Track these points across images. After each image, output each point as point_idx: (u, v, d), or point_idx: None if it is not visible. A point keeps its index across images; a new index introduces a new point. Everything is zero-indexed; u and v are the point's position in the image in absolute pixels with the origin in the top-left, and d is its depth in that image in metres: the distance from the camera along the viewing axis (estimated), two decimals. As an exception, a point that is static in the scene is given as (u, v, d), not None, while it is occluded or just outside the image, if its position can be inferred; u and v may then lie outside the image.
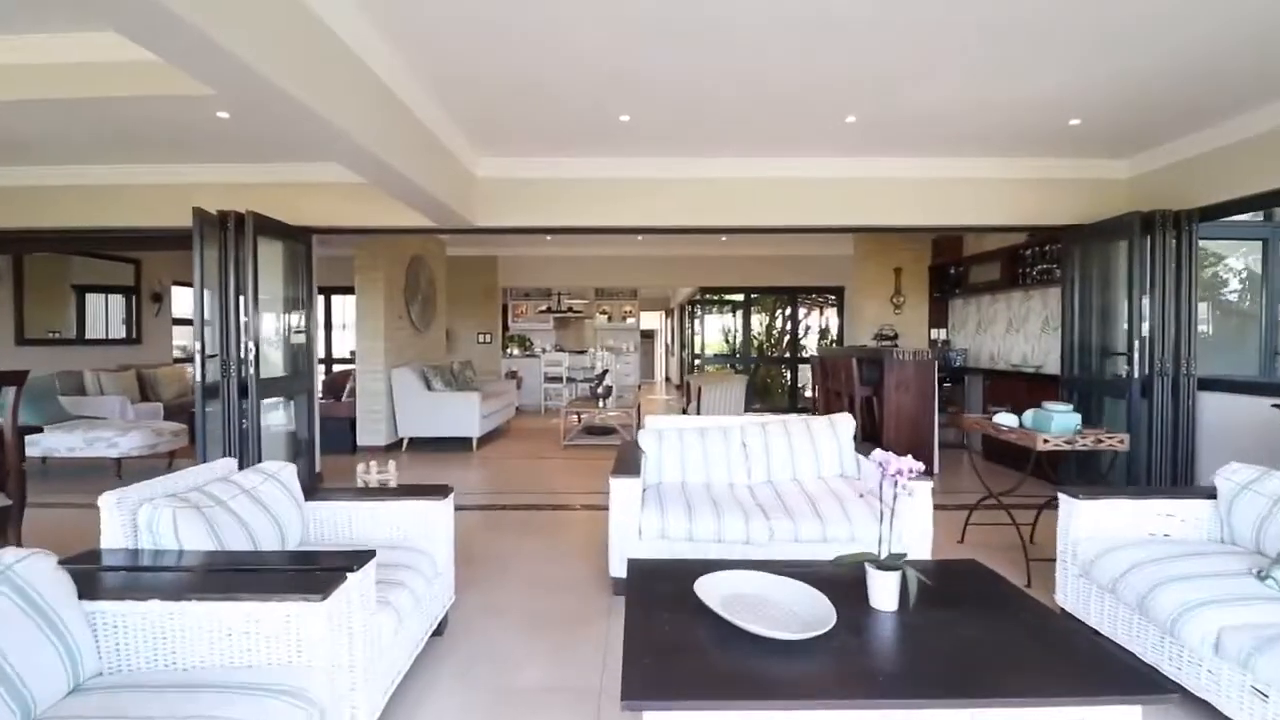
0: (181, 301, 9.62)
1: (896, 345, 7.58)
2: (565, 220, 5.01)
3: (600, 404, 7.34)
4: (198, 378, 4.14)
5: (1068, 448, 3.23)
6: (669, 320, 19.17)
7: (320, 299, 10.72)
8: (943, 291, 7.63)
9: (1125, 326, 4.48)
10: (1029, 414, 3.52)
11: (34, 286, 8.12)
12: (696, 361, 13.85)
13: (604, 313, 15.30)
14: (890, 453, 1.91)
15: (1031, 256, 6.01)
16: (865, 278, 7.77)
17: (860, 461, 3.63)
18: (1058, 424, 3.27)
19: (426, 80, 3.62)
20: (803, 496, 3.30)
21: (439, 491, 2.70)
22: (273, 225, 4.65)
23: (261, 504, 2.38)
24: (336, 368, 10.12)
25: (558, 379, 10.53)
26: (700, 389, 6.59)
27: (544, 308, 14.19)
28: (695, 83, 3.58)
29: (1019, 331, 6.40)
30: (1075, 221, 5.07)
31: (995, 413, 3.74)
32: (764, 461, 3.63)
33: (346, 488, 3.73)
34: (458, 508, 4.73)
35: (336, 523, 2.68)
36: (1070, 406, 3.37)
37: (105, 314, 9.02)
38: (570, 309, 13.53)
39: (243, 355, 4.26)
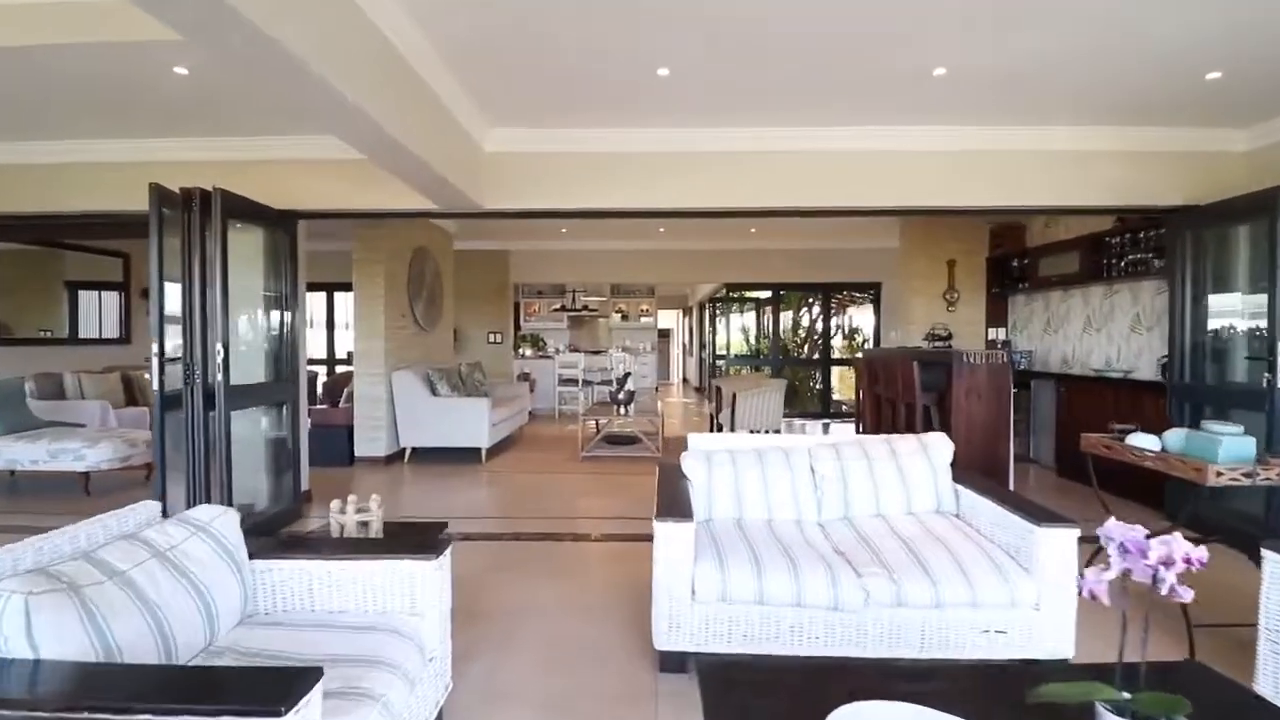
0: (175, 298, 9.03)
1: (951, 346, 6.83)
2: (584, 202, 4.31)
3: (621, 411, 6.65)
4: (155, 386, 3.49)
5: (1246, 482, 2.49)
6: (686, 319, 18.45)
7: (321, 296, 10.12)
8: (1002, 287, 6.87)
9: (1266, 327, 3.71)
10: (1176, 435, 2.78)
11: (24, 283, 7.62)
12: (719, 363, 13.12)
13: (619, 311, 14.65)
14: (1133, 528, 1.20)
15: (1120, 245, 5.24)
16: (914, 272, 7.02)
17: (960, 493, 2.91)
18: (1229, 451, 2.53)
19: (434, 31, 2.96)
20: (895, 541, 2.59)
21: (430, 548, 2.01)
22: (249, 207, 4.00)
23: (182, 572, 1.71)
24: (340, 369, 9.50)
25: (573, 381, 9.86)
26: (735, 396, 5.89)
27: (558, 306, 13.53)
28: (761, 19, 2.87)
29: (1100, 331, 5.63)
30: (1185, 202, 4.31)
31: (1124, 432, 3.01)
32: (839, 493, 2.92)
33: (313, 536, 3.07)
34: (462, 537, 4.08)
35: (293, 590, 1.99)
36: (1241, 429, 2.63)
37: (99, 312, 8.48)
38: (585, 307, 12.86)
39: (210, 359, 3.61)
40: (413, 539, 2.51)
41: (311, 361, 10.31)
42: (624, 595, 3.14)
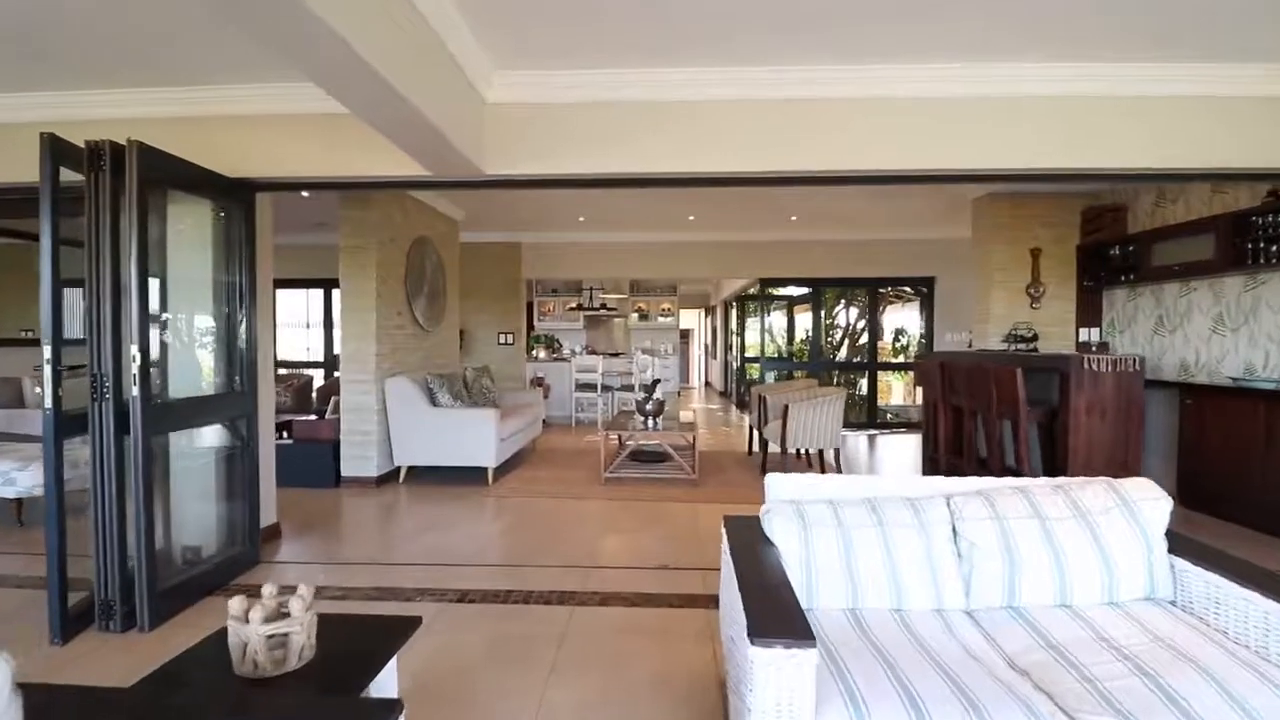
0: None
1: (1036, 349, 5.83)
2: (609, 165, 3.37)
3: (650, 423, 5.72)
4: (47, 404, 2.62)
5: None
6: (708, 319, 17.50)
7: (319, 293, 9.31)
8: (1096, 279, 5.85)
9: None
10: None
11: (8, 279, 6.97)
12: (749, 366, 12.15)
13: (639, 310, 13.75)
14: None
15: (1270, 225, 4.23)
16: (991, 263, 6.02)
17: (1178, 571, 1.96)
18: None
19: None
20: (1109, 655, 1.66)
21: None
22: (188, 173, 3.13)
23: None
24: (337, 374, 8.67)
25: (591, 387, 8.95)
26: (787, 408, 4.94)
27: (573, 305, 12.66)
28: None
29: (1237, 331, 4.61)
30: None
31: None
32: (1002, 571, 1.97)
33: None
34: (458, 597, 3.16)
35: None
36: None
37: (79, 310, 7.71)
38: (603, 306, 11.97)
39: (124, 369, 2.74)
40: (348, 672, 1.59)
41: (305, 365, 9.55)
42: (676, 702, 2.22)
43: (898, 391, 12.14)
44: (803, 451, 5.74)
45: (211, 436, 3.51)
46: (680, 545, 3.86)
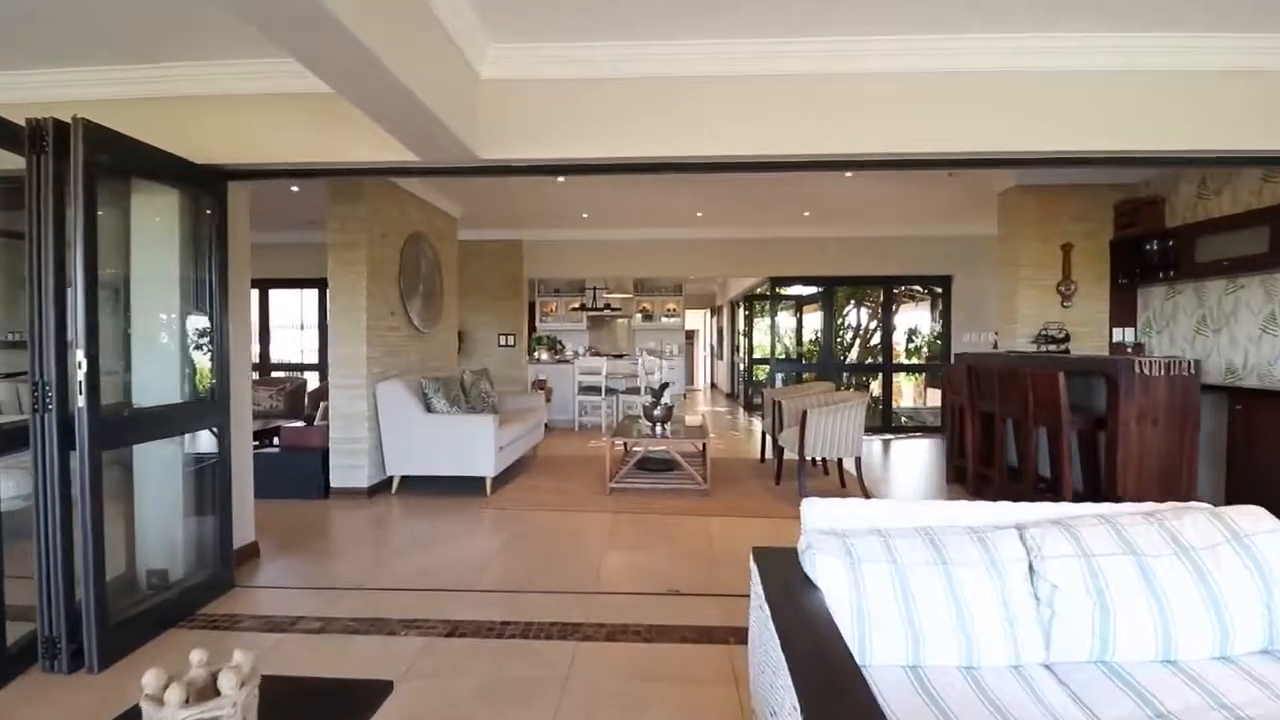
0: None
1: (1068, 350, 5.50)
2: (613, 148, 3.05)
3: (658, 429, 5.40)
4: (-21, 416, 2.31)
5: None
6: (714, 319, 17.18)
7: (314, 294, 9.01)
8: (1131, 276, 5.51)
9: None
10: None
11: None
12: (758, 368, 11.83)
13: (643, 310, 13.44)
14: None
15: (1334, 215, 3.89)
16: (1019, 259, 5.68)
17: (1301, 619, 1.63)
18: None
19: None
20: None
21: None
22: (148, 158, 2.83)
23: None
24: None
25: (595, 390, 8.63)
26: (805, 414, 4.62)
27: (576, 305, 12.35)
28: None
29: (1292, 331, 4.28)
30: None
31: None
32: (1091, 617, 1.64)
33: None
34: (448, 631, 2.83)
35: None
36: None
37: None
38: (607, 306, 11.66)
39: (70, 376, 2.43)
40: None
41: (300, 367, 9.25)
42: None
43: (908, 393, 11.80)
44: (818, 460, 5.41)
45: (179, 449, 3.20)
46: (692, 566, 3.53)
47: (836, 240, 8.29)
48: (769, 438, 6.05)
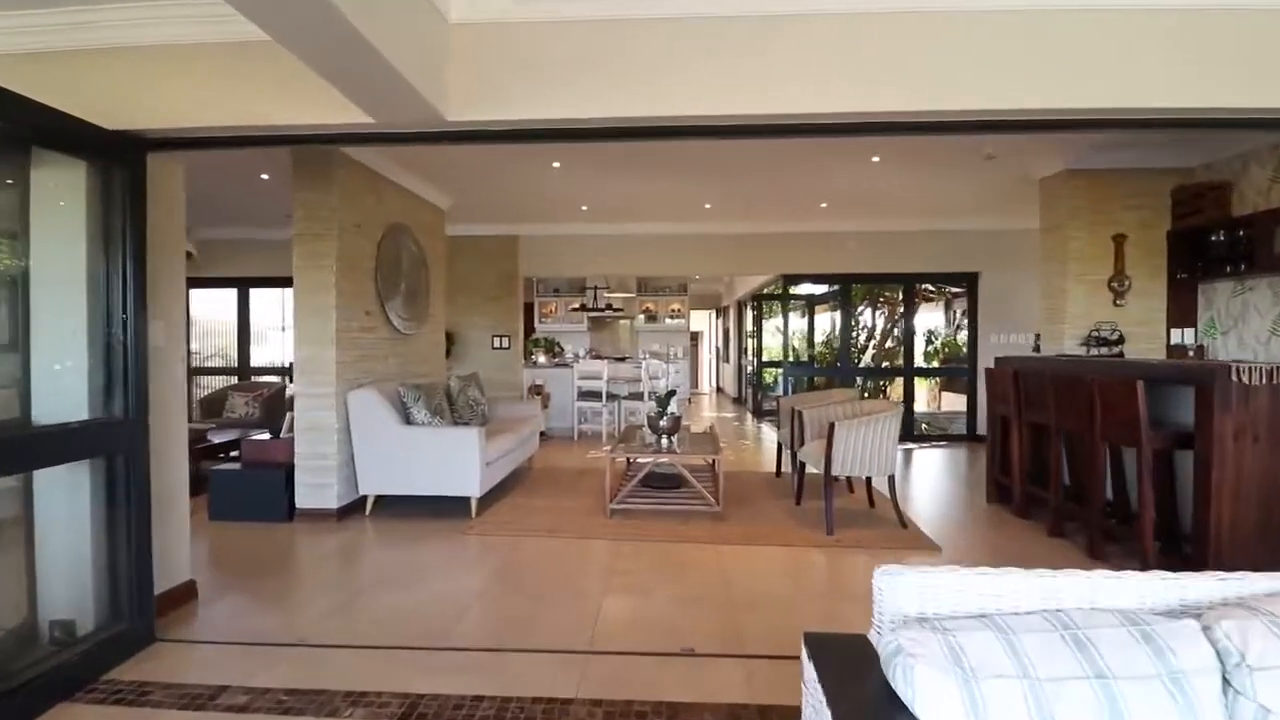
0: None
1: (1123, 353, 4.92)
2: (609, 106, 2.47)
3: (664, 442, 4.84)
4: None
5: None
6: (720, 320, 16.62)
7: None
8: (1191, 271, 4.93)
9: None
10: None
11: None
12: (766, 371, 11.26)
13: (646, 311, 12.91)
14: None
15: None
16: (1066, 252, 5.11)
17: None
18: None
19: None
20: None
21: None
22: (34, 118, 2.27)
23: None
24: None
25: (595, 395, 8.07)
26: (832, 427, 4.04)
27: (576, 305, 11.80)
28: None
29: (1401, 332, 3.69)
30: None
31: None
32: (1340, 772, 1.07)
33: None
34: (403, 713, 1.96)
35: None
36: None
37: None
38: (609, 306, 11.11)
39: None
40: None
41: (280, 371, 8.67)
42: None
43: (920, 397, 11.22)
44: (842, 478, 4.83)
45: (92, 474, 2.64)
46: (707, 614, 2.97)
47: (855, 235, 7.72)
48: (786, 451, 5.47)
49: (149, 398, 2.71)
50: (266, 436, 4.92)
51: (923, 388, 11.52)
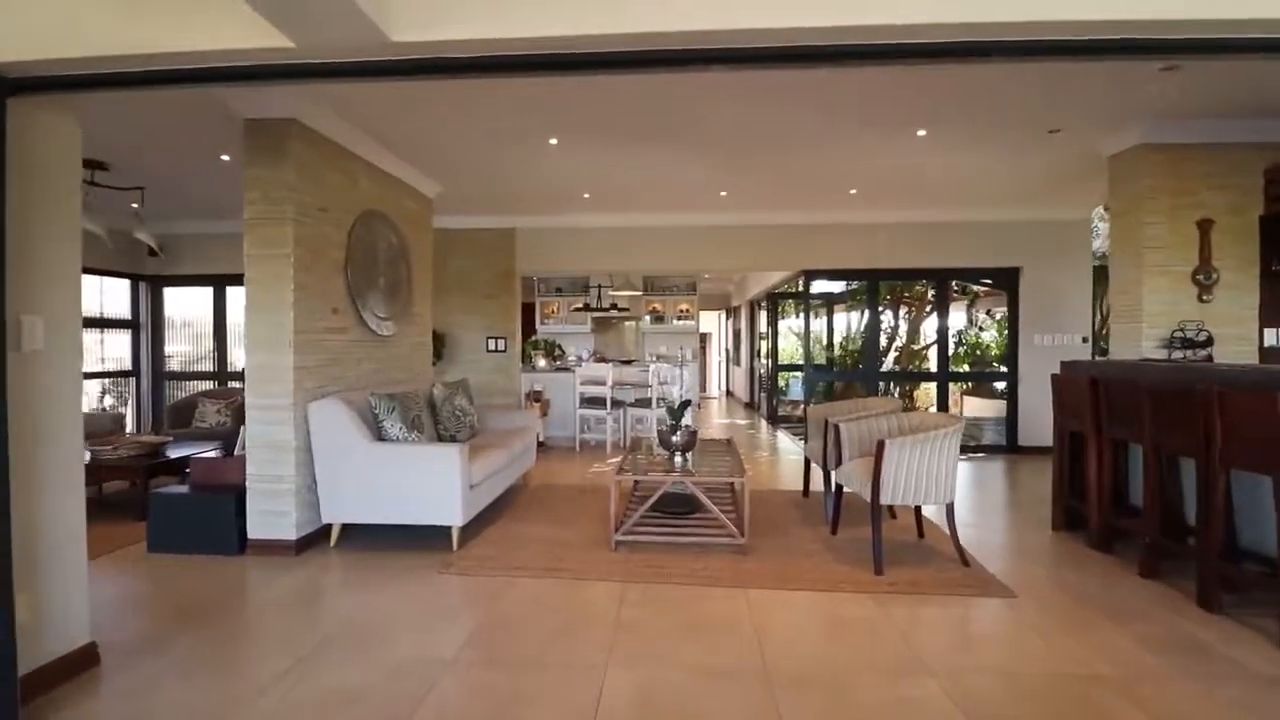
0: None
1: (1211, 357, 4.23)
2: (582, 15, 1.82)
3: (678, 460, 4.17)
4: None
5: None
6: (730, 321, 15.95)
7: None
8: (1293, 261, 4.24)
9: None
10: None
11: None
12: (782, 374, 10.60)
13: (654, 311, 12.25)
14: None
15: None
16: (1142, 240, 4.41)
17: None
18: None
19: None
20: None
21: None
22: None
23: None
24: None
25: (599, 402, 7.41)
26: (881, 447, 3.36)
27: (579, 305, 11.15)
28: None
29: None
30: None
31: None
32: None
33: None
34: None
35: None
36: None
37: None
38: (614, 306, 10.45)
39: None
40: None
41: (211, 376, 8.00)
42: None
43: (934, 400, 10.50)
44: (892, 503, 4.14)
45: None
46: (740, 693, 2.29)
47: (885, 227, 7.04)
48: (816, 468, 4.79)
49: (7, 417, 2.05)
50: (217, 454, 4.28)
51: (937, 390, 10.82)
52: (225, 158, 4.92)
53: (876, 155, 5.02)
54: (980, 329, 10.80)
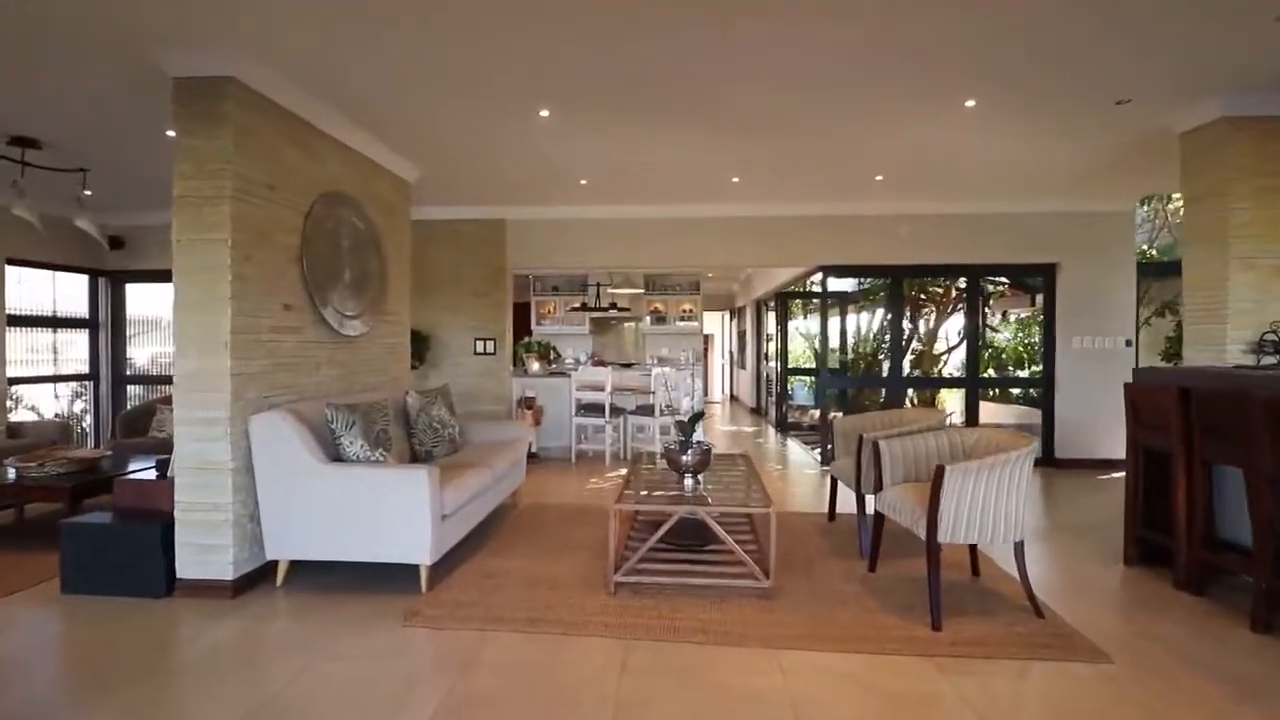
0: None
1: (1313, 364, 3.62)
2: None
3: (689, 483, 3.57)
4: None
5: None
6: (734, 322, 15.36)
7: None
8: (1405, 251, 3.63)
9: None
10: None
11: None
12: (792, 379, 10.02)
13: (654, 312, 11.67)
14: None
15: None
16: (1228, 227, 3.81)
17: None
18: None
19: None
20: None
21: None
22: None
23: None
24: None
25: (597, 409, 6.81)
26: (940, 474, 2.74)
27: (577, 304, 10.56)
28: None
29: None
30: None
31: None
32: None
33: None
34: None
35: None
36: None
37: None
38: (613, 305, 9.84)
39: None
40: None
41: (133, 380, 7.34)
42: None
43: (952, 406, 9.92)
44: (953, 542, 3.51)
45: None
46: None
47: (910, 218, 6.44)
48: (846, 488, 4.18)
49: None
50: (147, 476, 3.66)
51: (953, 397, 10.24)
52: (171, 134, 4.30)
53: (913, 133, 4.42)
54: (995, 331, 10.22)
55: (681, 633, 2.77)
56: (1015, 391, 8.67)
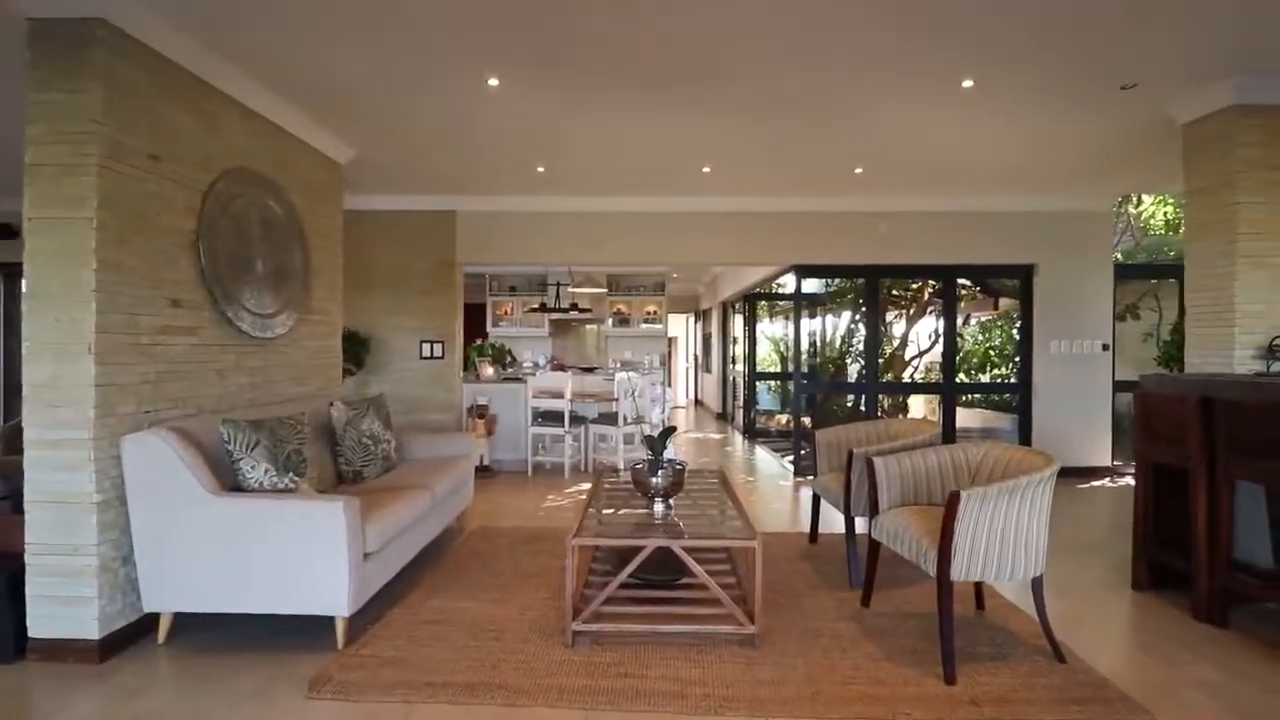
0: None
1: (1329, 371, 3.37)
2: None
3: (659, 509, 3.10)
4: None
5: None
6: (699, 325, 15.00)
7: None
8: None
9: None
10: None
11: None
12: (760, 383, 9.68)
13: (617, 313, 11.21)
14: None
15: None
16: (1238, 223, 3.54)
17: None
18: None
19: None
20: None
21: None
22: None
23: None
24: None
25: (555, 418, 6.29)
26: (957, 500, 2.35)
27: (536, 305, 10.01)
28: None
29: None
30: None
31: None
32: None
33: None
34: None
35: None
36: None
37: None
38: (574, 306, 9.32)
39: None
40: None
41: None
42: None
43: (916, 410, 9.74)
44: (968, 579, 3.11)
45: None
46: None
47: (889, 215, 6.13)
48: (828, 508, 3.77)
49: None
50: (5, 503, 3.00)
51: (918, 401, 10.06)
52: (45, 97, 3.62)
53: (904, 116, 4.06)
54: (960, 336, 10.08)
55: (654, 699, 2.29)
56: (977, 396, 8.54)
